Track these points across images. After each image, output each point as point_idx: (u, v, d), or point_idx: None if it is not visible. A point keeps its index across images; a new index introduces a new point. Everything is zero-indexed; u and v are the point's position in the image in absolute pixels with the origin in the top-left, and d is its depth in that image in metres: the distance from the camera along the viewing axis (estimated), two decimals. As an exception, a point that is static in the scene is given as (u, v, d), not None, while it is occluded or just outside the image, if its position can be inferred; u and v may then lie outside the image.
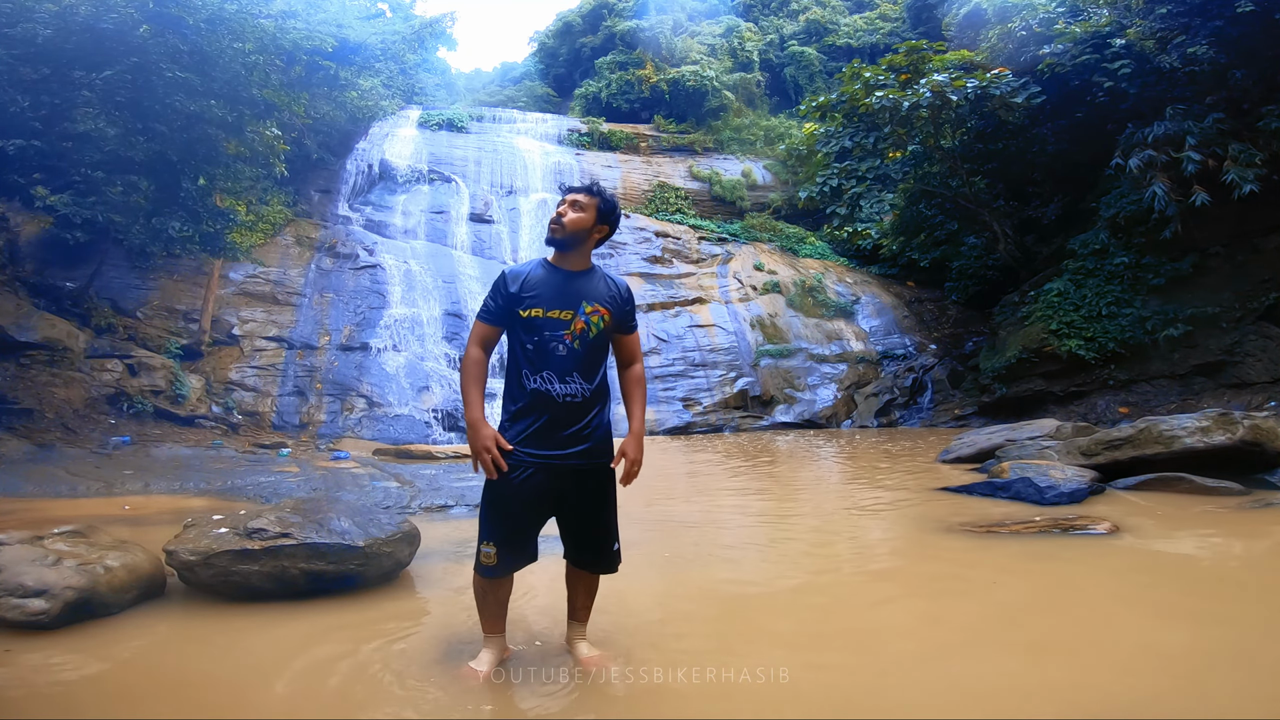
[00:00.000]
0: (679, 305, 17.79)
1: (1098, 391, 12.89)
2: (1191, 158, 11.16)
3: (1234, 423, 5.68)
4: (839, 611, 3.15)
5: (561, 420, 2.33)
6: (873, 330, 17.76)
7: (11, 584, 2.86)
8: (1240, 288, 12.08)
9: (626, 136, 24.12)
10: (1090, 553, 3.92)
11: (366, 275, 15.67)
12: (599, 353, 2.40)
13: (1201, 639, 2.65)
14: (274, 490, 6.71)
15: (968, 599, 3.27)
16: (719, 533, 5.03)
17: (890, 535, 4.83)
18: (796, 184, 20.95)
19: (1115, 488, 5.72)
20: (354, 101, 15.42)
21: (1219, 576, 3.55)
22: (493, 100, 29.01)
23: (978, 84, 13.17)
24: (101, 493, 6.67)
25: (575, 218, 2.38)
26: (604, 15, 29.15)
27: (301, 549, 3.22)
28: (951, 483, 6.39)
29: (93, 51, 8.50)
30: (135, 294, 12.75)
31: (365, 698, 2.30)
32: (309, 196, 17.68)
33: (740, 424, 15.05)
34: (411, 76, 20.67)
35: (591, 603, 2.58)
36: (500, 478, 2.30)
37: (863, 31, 28.06)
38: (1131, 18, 12.76)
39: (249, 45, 9.46)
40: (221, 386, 12.37)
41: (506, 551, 2.34)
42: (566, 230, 2.38)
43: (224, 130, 9.99)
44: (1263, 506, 4.81)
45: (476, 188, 20.25)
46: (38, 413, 9.51)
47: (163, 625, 2.99)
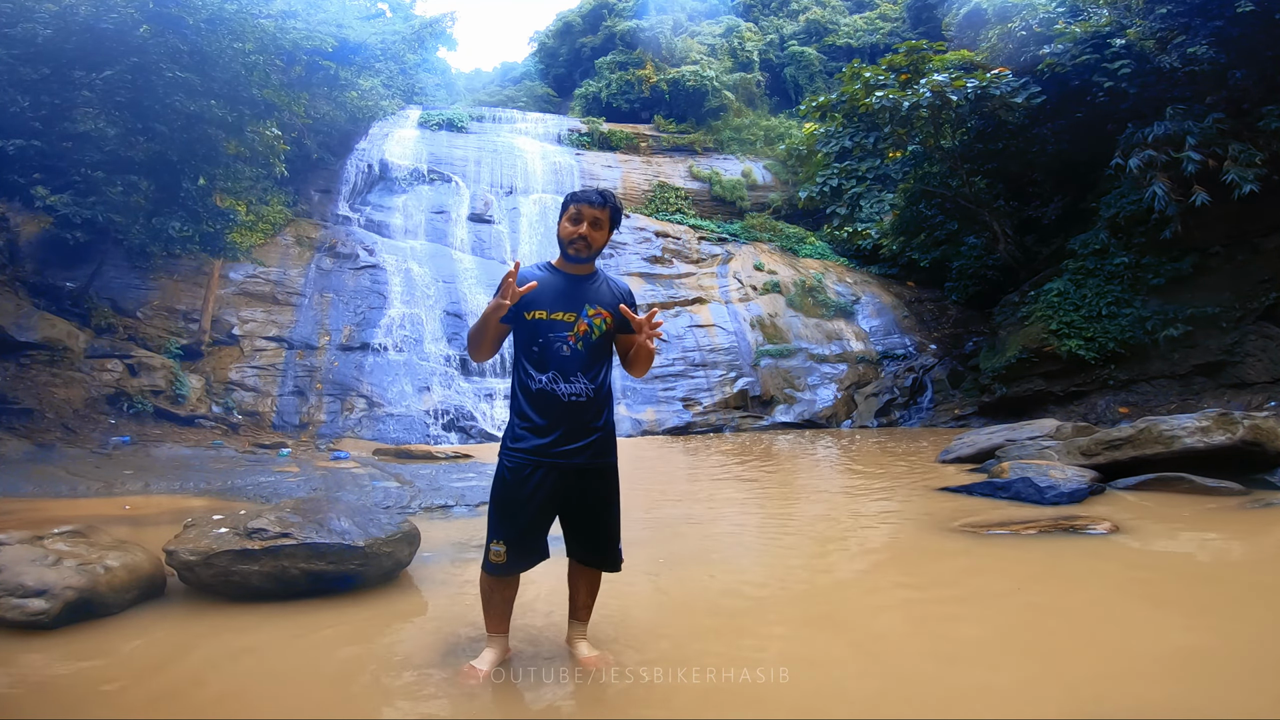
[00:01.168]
0: (679, 305, 17.79)
1: (1098, 391, 12.89)
2: (1191, 158, 11.16)
3: (1234, 423, 5.68)
4: (839, 612, 3.15)
5: (567, 420, 2.37)
6: (873, 330, 17.76)
7: (11, 584, 2.86)
8: (1240, 288, 12.08)
9: (626, 136, 24.12)
10: (1090, 553, 3.92)
11: (366, 275, 15.67)
12: (602, 354, 2.45)
13: (1202, 639, 2.65)
14: (274, 490, 6.71)
15: (967, 599, 3.27)
16: (719, 533, 5.03)
17: (890, 535, 4.83)
18: (796, 184, 20.95)
19: (1115, 488, 5.72)
20: (354, 101, 15.44)
21: (1219, 576, 3.55)
22: (493, 100, 29.01)
23: (978, 84, 13.17)
24: (101, 493, 6.67)
25: (597, 236, 2.47)
26: (604, 15, 29.16)
27: (301, 549, 3.22)
28: (951, 483, 6.39)
29: (93, 51, 8.50)
30: (135, 294, 12.75)
31: (365, 697, 2.30)
32: (309, 196, 17.68)
33: (740, 424, 15.05)
34: (411, 76, 20.69)
35: (593, 602, 2.59)
36: (508, 476, 2.38)
37: (863, 31, 28.07)
38: (1131, 18, 12.76)
39: (249, 45, 9.47)
40: (221, 386, 12.37)
41: (516, 550, 2.38)
42: (592, 250, 2.46)
43: (224, 130, 9.99)
44: (1263, 506, 4.81)
45: (476, 188, 20.25)
46: (38, 413, 9.51)
47: (163, 625, 2.98)
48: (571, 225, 2.44)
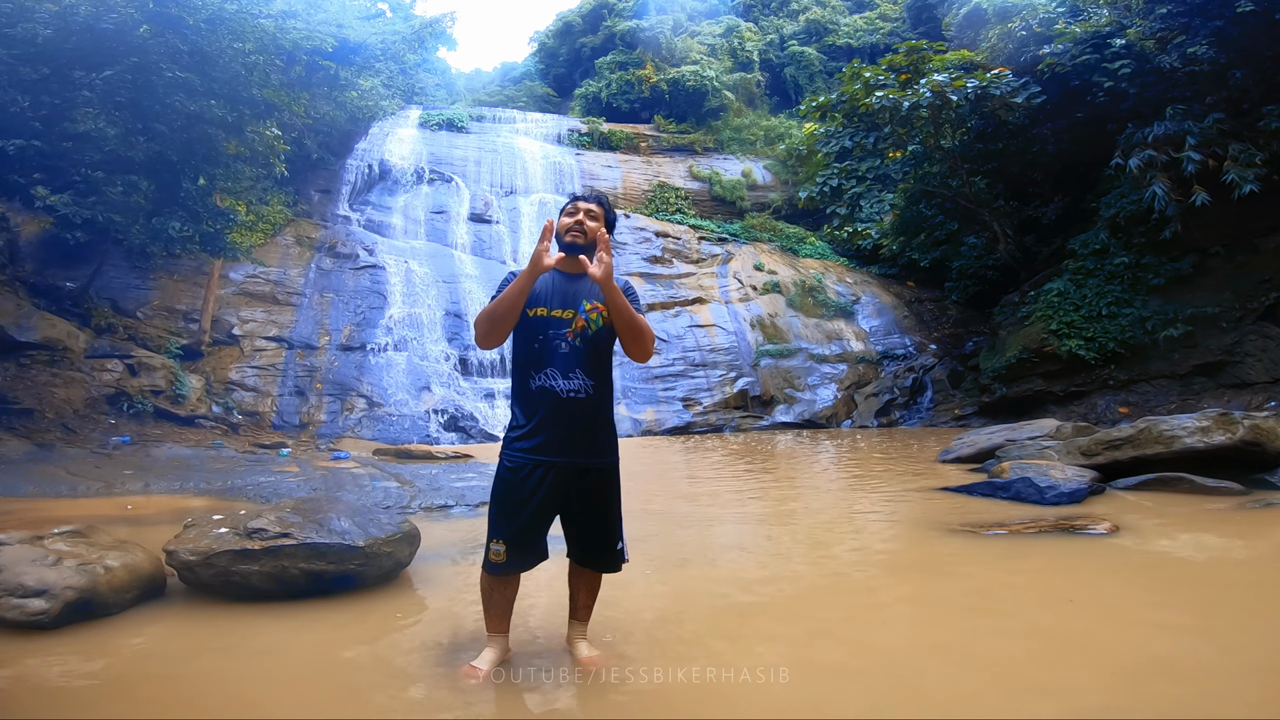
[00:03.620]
0: (679, 305, 17.80)
1: (1098, 391, 12.90)
2: (1191, 158, 11.16)
3: (1234, 423, 5.68)
4: (839, 612, 3.14)
5: (566, 417, 2.38)
6: (873, 330, 17.76)
7: (11, 584, 2.86)
8: (1240, 288, 12.08)
9: (626, 136, 24.12)
10: (1090, 553, 3.92)
11: (366, 275, 15.67)
12: (601, 350, 2.45)
13: (1202, 639, 2.65)
14: (274, 490, 6.70)
15: (968, 599, 3.27)
16: (719, 533, 5.03)
17: (890, 535, 4.83)
18: (796, 184, 20.95)
19: (1115, 488, 5.72)
20: (354, 101, 15.44)
21: (1219, 577, 3.55)
22: (493, 100, 29.00)
23: (978, 84, 13.17)
24: (101, 493, 6.67)
25: (594, 226, 2.49)
26: (604, 15, 29.16)
27: (301, 549, 3.22)
28: (951, 483, 6.39)
29: (93, 51, 8.50)
30: (135, 294, 12.75)
31: (365, 697, 2.30)
32: (309, 196, 17.69)
33: (740, 424, 15.05)
34: (411, 76, 20.68)
35: (593, 602, 2.59)
36: (508, 475, 2.38)
37: (863, 31, 28.07)
38: (1131, 18, 12.76)
39: (249, 45, 9.47)
40: (221, 386, 12.37)
41: (515, 549, 2.38)
42: (589, 237, 2.47)
43: (224, 130, 10.00)
44: (1263, 506, 4.81)
45: (476, 188, 20.25)
46: (38, 413, 9.51)
47: (163, 625, 2.98)
48: (568, 218, 2.50)
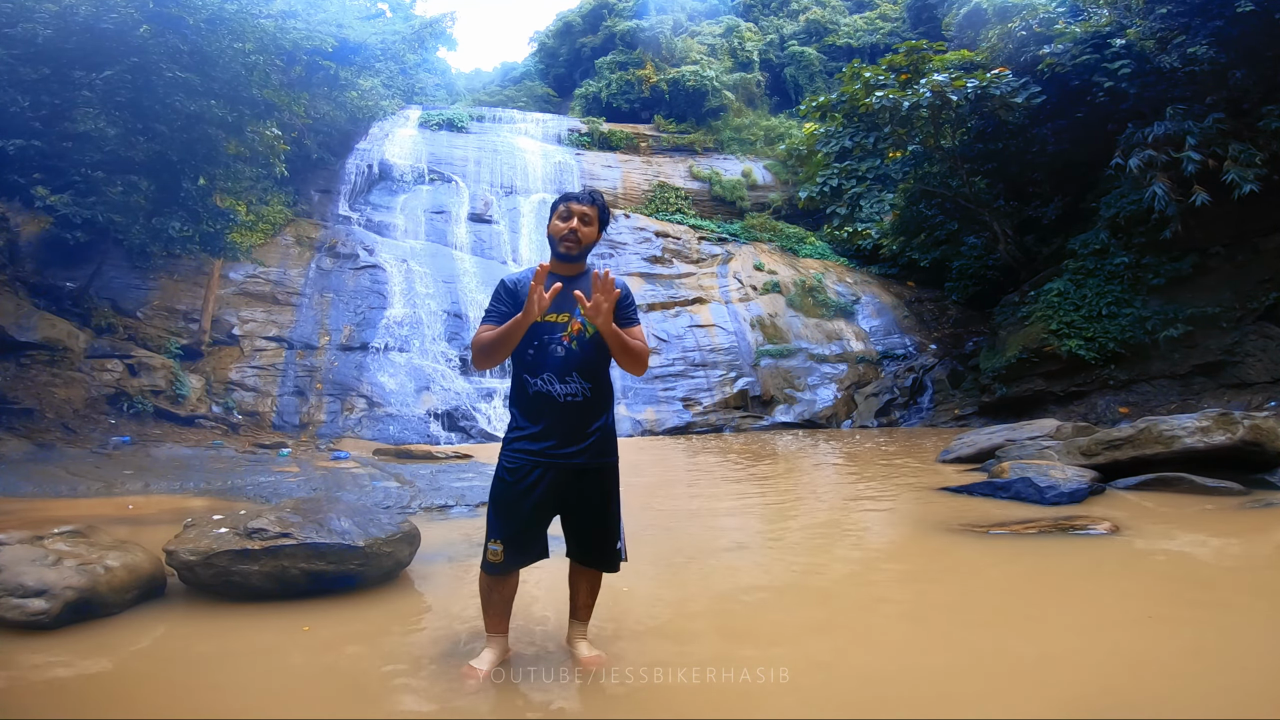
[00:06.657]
0: (679, 305, 17.79)
1: (1098, 391, 12.89)
2: (1191, 158, 11.16)
3: (1234, 423, 5.68)
4: (839, 611, 3.15)
5: (564, 420, 2.38)
6: (873, 330, 17.75)
7: (11, 584, 2.85)
8: (1240, 288, 12.08)
9: (626, 136, 24.12)
10: (1090, 553, 3.92)
11: (366, 275, 15.67)
12: (597, 352, 2.44)
13: (1202, 639, 2.65)
14: (274, 490, 6.70)
15: (968, 599, 3.27)
16: (719, 533, 5.03)
17: (890, 535, 4.83)
18: (796, 184, 20.95)
19: (1115, 488, 5.72)
20: (354, 101, 15.44)
21: (1219, 577, 3.55)
22: (493, 100, 28.99)
23: (978, 84, 13.17)
24: (101, 493, 6.67)
25: (587, 232, 2.48)
26: (604, 15, 29.15)
27: (301, 549, 3.22)
28: (951, 483, 6.39)
29: (93, 51, 8.50)
30: (135, 294, 12.75)
31: (365, 697, 2.30)
32: (309, 196, 17.68)
33: (740, 424, 15.04)
34: (411, 76, 20.71)
35: (593, 602, 2.60)
36: (507, 476, 2.39)
37: (863, 31, 28.06)
38: (1131, 18, 12.76)
39: (249, 45, 9.47)
40: (221, 386, 12.37)
41: (513, 549, 2.39)
42: (582, 246, 2.47)
43: (224, 130, 9.99)
44: (1263, 506, 4.81)
45: (476, 188, 20.25)
46: (38, 413, 9.51)
47: (163, 625, 2.98)
48: (561, 222, 2.47)
